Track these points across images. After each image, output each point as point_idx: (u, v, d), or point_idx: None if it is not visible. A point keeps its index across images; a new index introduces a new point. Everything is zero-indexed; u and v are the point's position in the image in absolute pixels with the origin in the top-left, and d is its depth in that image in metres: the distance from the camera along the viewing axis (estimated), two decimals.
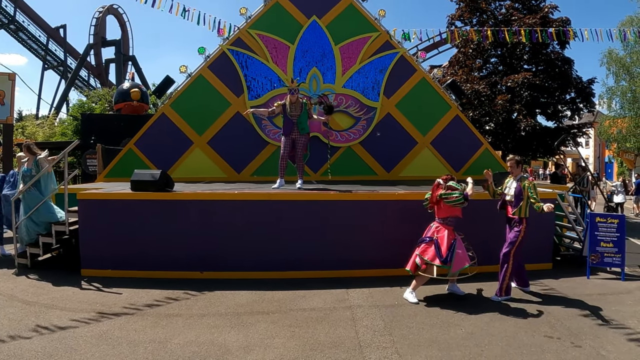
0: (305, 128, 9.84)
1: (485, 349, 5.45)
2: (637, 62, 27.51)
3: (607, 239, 8.78)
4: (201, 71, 13.05)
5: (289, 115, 9.73)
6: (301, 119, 9.74)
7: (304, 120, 9.80)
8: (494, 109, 19.99)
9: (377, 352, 5.36)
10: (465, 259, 7.10)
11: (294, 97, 9.69)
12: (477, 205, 8.13)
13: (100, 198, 8.61)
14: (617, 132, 29.89)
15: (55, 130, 30.24)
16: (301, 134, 9.80)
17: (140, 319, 6.37)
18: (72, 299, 7.14)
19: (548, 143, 20.57)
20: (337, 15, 13.44)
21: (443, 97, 13.83)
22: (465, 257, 7.12)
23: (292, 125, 9.74)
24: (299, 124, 9.73)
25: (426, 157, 13.73)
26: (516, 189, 7.35)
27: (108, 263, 8.43)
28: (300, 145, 9.82)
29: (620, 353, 5.35)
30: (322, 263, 8.56)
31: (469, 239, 7.48)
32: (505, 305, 7.00)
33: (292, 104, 9.70)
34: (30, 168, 9.17)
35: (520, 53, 21.49)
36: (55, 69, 51.58)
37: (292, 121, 9.73)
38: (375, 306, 6.95)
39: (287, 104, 9.72)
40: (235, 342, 5.59)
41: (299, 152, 9.87)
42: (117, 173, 12.51)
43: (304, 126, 9.80)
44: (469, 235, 7.49)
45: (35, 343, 5.46)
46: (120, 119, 20.15)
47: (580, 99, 21.66)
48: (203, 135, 12.98)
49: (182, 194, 8.71)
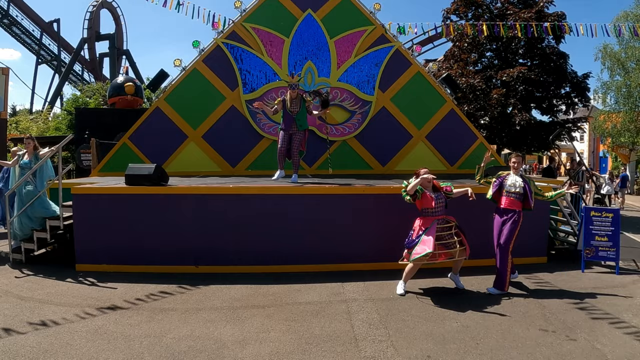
0: (303, 125, 9.83)
1: (480, 342, 5.46)
2: (632, 57, 27.50)
3: (601, 232, 8.80)
4: (195, 65, 13.00)
5: (289, 111, 9.71)
6: (300, 115, 9.72)
7: (303, 116, 9.78)
8: (489, 103, 20.00)
9: (373, 345, 5.36)
10: (428, 245, 6.91)
11: (294, 93, 9.68)
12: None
13: (95, 193, 8.57)
14: (611, 127, 29.91)
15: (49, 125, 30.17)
16: (299, 130, 9.79)
17: (135, 313, 6.35)
18: (67, 294, 7.11)
19: (543, 137, 20.59)
20: (332, 8, 13.39)
21: (438, 91, 13.81)
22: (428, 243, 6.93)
23: (292, 121, 9.74)
24: (297, 120, 9.71)
25: (421, 151, 13.73)
26: (524, 185, 7.44)
27: (103, 258, 8.40)
28: (296, 141, 9.82)
29: (615, 346, 5.37)
30: (318, 257, 8.56)
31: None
32: (500, 299, 7.01)
33: (292, 100, 9.69)
34: (29, 160, 9.12)
35: (516, 47, 21.50)
36: (49, 63, 51.39)
37: (292, 117, 9.71)
38: (370, 299, 6.95)
39: (287, 100, 9.70)
40: (230, 336, 5.58)
41: (294, 147, 9.87)
42: (111, 167, 12.46)
43: (302, 122, 9.79)
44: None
45: (31, 338, 5.44)
46: (114, 113, 20.05)
47: (575, 94, 21.68)
48: (198, 129, 12.93)
49: (177, 188, 8.69)
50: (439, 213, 7.21)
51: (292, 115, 9.71)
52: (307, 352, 5.19)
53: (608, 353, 5.20)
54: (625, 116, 28.30)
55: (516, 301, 6.94)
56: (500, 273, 7.37)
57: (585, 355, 5.16)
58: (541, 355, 5.13)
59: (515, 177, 7.53)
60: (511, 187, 7.46)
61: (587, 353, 5.20)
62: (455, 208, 7.58)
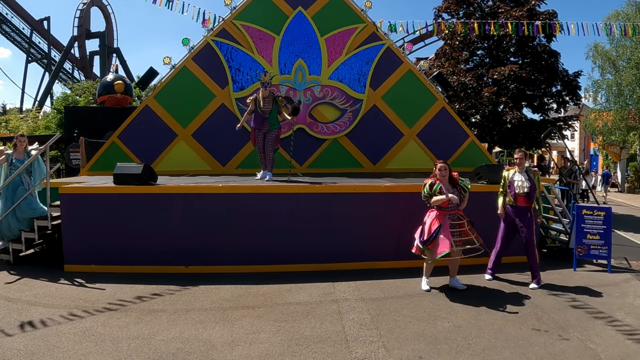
0: (275, 124, 9.74)
1: (472, 342, 5.42)
2: (623, 55, 27.64)
3: (593, 231, 8.79)
4: (185, 63, 12.91)
5: (260, 110, 9.59)
6: (272, 114, 9.64)
7: (274, 116, 9.69)
8: (480, 101, 20.03)
9: (364, 346, 5.31)
10: (446, 245, 6.90)
11: (266, 92, 9.54)
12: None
13: (83, 192, 8.47)
14: (602, 125, 30.04)
15: (38, 124, 29.87)
16: (271, 130, 9.73)
17: (123, 315, 6.26)
18: (55, 295, 7.02)
19: (534, 135, 20.66)
20: (323, 6, 13.34)
21: (429, 89, 13.80)
22: (446, 243, 6.92)
23: (264, 119, 9.66)
24: (270, 119, 9.64)
25: (412, 149, 13.70)
26: (530, 184, 7.56)
27: (91, 258, 8.29)
28: (270, 139, 9.77)
29: (608, 345, 5.35)
30: (308, 256, 8.49)
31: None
32: (492, 298, 6.98)
33: (265, 99, 9.57)
34: (22, 159, 9.00)
35: (507, 46, 21.53)
36: (39, 61, 51.05)
37: (263, 116, 9.62)
38: (361, 299, 6.90)
39: (260, 99, 9.59)
40: (220, 338, 5.51)
41: (268, 145, 9.82)
42: (100, 167, 12.34)
43: (274, 122, 9.69)
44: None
45: (18, 341, 5.35)
46: (103, 112, 19.93)
47: (566, 92, 21.75)
48: (187, 128, 12.84)
49: (166, 188, 8.60)
50: (452, 209, 7.18)
51: (264, 114, 9.62)
52: (297, 353, 5.13)
53: (601, 352, 5.17)
54: (616, 114, 28.44)
55: (508, 300, 6.91)
56: (534, 268, 7.61)
57: (579, 354, 5.13)
58: (534, 355, 5.10)
59: (520, 175, 7.58)
60: (519, 187, 7.61)
61: (580, 352, 5.18)
62: None
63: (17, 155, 9.09)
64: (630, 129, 28.75)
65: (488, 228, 7.88)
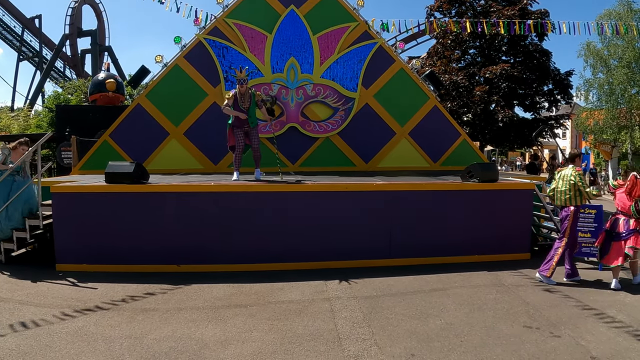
0: (254, 121, 9.56)
1: (464, 340, 5.44)
2: (615, 54, 27.74)
3: (584, 229, 8.83)
4: (177, 61, 12.88)
5: (240, 107, 9.40)
6: (251, 111, 9.45)
7: (253, 113, 9.51)
8: (472, 100, 20.13)
9: (356, 344, 5.31)
10: None
11: (242, 88, 9.30)
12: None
13: (75, 191, 8.43)
14: (594, 124, 30.16)
15: (30, 123, 29.71)
16: (251, 127, 9.55)
17: (116, 314, 6.25)
18: (47, 295, 6.98)
19: (526, 134, 20.76)
20: (315, 4, 13.35)
21: (421, 88, 13.84)
22: None
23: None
24: (249, 117, 9.43)
25: (404, 147, 13.74)
26: None
27: (83, 257, 8.26)
28: (255, 137, 9.59)
29: (599, 342, 5.37)
30: (301, 254, 8.49)
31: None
32: (484, 296, 7.00)
33: (242, 95, 9.36)
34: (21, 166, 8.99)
35: (499, 44, 21.66)
36: (30, 60, 50.69)
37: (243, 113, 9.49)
38: (354, 297, 6.91)
39: (237, 95, 9.38)
40: (212, 337, 5.51)
41: (255, 143, 9.63)
42: (92, 165, 12.31)
43: (253, 119, 9.52)
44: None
45: (10, 341, 5.32)
46: (95, 110, 19.85)
47: (557, 91, 21.92)
48: (179, 126, 12.83)
49: (158, 186, 8.58)
50: None
51: (243, 111, 9.50)
52: (290, 351, 5.13)
53: (592, 349, 5.20)
54: (608, 113, 28.56)
55: (500, 298, 6.93)
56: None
57: (570, 351, 5.16)
58: (526, 352, 5.12)
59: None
60: None
61: (572, 349, 5.20)
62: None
63: (14, 157, 9.04)
64: (622, 127, 28.87)
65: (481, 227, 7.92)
